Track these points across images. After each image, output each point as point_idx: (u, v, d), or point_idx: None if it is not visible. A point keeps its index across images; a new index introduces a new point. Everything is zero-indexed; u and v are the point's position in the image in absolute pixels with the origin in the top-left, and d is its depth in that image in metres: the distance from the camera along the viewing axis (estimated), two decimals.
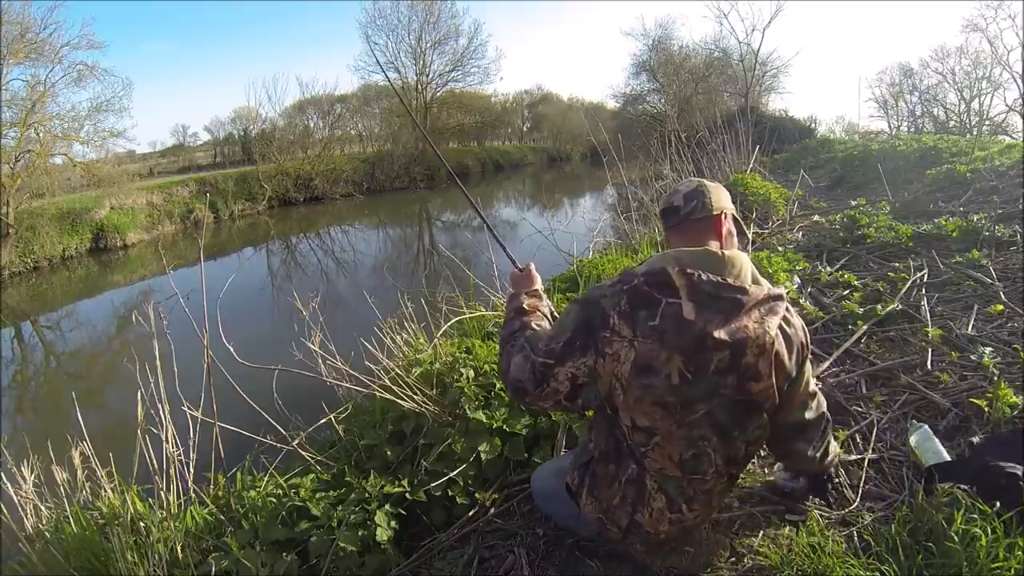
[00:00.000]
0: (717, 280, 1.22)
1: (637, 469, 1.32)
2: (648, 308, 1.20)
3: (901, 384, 2.24)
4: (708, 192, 1.34)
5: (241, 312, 7.26)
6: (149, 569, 1.54)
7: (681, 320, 1.19)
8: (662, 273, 1.22)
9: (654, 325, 1.19)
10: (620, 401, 1.26)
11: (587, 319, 1.25)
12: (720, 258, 1.25)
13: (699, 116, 9.39)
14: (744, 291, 1.23)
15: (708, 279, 1.21)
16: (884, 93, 26.55)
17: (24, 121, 14.47)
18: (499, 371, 1.44)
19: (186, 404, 1.84)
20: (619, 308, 1.22)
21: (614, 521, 1.37)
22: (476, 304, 3.16)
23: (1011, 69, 21.66)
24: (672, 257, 1.25)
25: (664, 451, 1.28)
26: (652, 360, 1.20)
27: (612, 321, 1.22)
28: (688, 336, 1.19)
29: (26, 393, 7.37)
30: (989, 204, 4.99)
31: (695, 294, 1.20)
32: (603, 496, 1.37)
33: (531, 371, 1.31)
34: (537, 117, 39.90)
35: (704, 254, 1.25)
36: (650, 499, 1.32)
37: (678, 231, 1.34)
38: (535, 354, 1.31)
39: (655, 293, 1.21)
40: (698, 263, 1.23)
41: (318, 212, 20.89)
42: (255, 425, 1.99)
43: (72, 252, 14.59)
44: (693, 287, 1.21)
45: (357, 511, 1.67)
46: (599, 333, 1.23)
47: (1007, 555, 1.25)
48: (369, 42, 28.09)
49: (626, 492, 1.33)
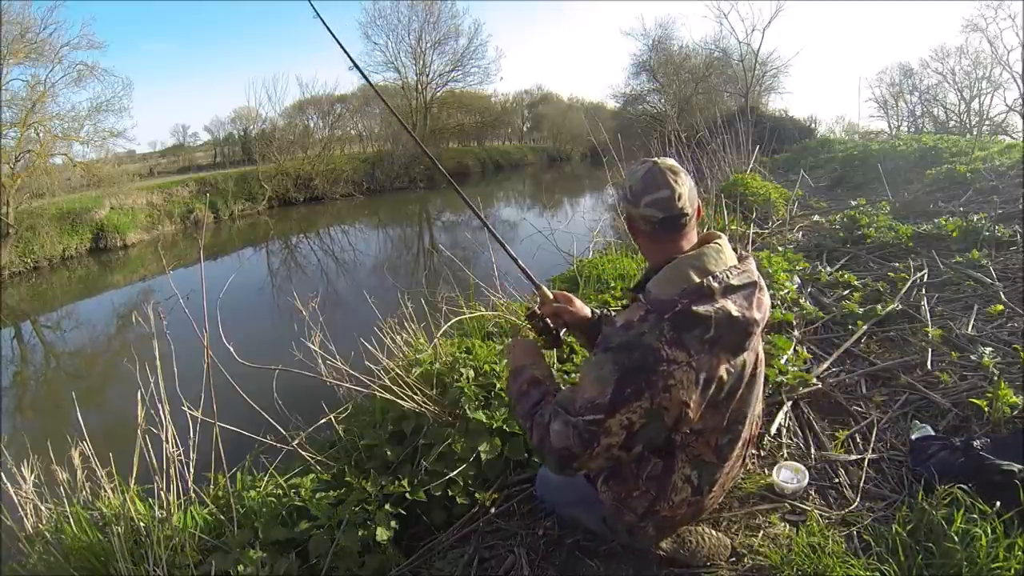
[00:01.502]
0: (736, 269, 1.28)
1: (663, 463, 1.33)
2: (700, 325, 1.20)
3: (901, 384, 2.24)
4: (683, 187, 1.29)
5: (241, 312, 7.26)
6: (149, 569, 1.53)
7: (732, 320, 1.23)
8: (701, 288, 1.22)
9: (709, 337, 1.20)
10: (688, 421, 1.25)
11: (634, 363, 1.18)
12: (718, 250, 1.29)
13: (699, 116, 9.39)
14: (750, 271, 1.30)
15: (727, 272, 1.26)
16: (884, 93, 26.58)
17: (24, 121, 14.47)
18: (533, 445, 1.34)
19: (186, 404, 1.84)
20: (665, 338, 1.18)
21: (631, 508, 1.38)
22: (476, 304, 3.16)
23: (1011, 69, 21.69)
24: (688, 267, 1.25)
25: (707, 441, 1.33)
26: (709, 372, 1.23)
27: (664, 353, 1.18)
28: (740, 331, 1.25)
29: (26, 393, 7.37)
30: (989, 204, 4.99)
31: (727, 292, 1.24)
32: (621, 488, 1.38)
33: (577, 435, 1.21)
34: (537, 117, 39.89)
35: (704, 255, 1.27)
36: (673, 492, 1.35)
37: (673, 236, 1.31)
38: (576, 415, 1.22)
39: (703, 309, 1.20)
40: (708, 263, 1.26)
41: (318, 212, 20.89)
42: (255, 425, 1.98)
43: (72, 252, 14.59)
44: (726, 287, 1.24)
45: (357, 511, 1.67)
46: (656, 369, 1.17)
47: (1007, 555, 1.25)
48: (370, 41, 28.02)
49: (647, 486, 1.35)
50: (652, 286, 1.26)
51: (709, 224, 4.55)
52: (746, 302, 1.26)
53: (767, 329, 2.76)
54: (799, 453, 1.93)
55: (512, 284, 3.49)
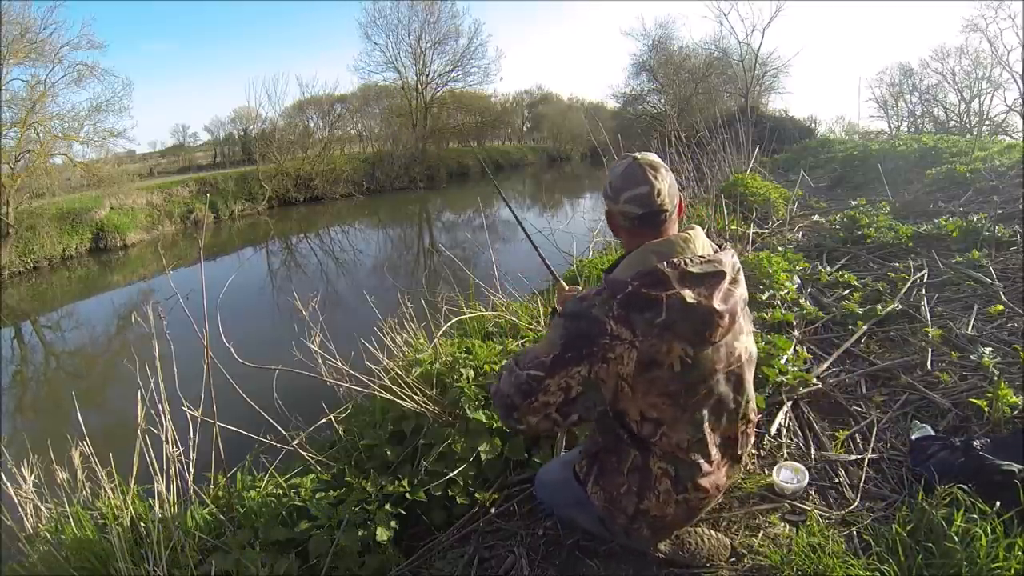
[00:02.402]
0: (699, 258, 1.27)
1: (640, 456, 1.34)
2: (651, 308, 1.22)
3: (901, 384, 2.24)
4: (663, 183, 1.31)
5: (241, 312, 7.26)
6: (149, 569, 1.54)
7: (687, 307, 1.22)
8: (655, 271, 1.23)
9: (661, 321, 1.21)
10: (628, 399, 1.29)
11: (580, 331, 1.25)
12: (686, 239, 1.30)
13: (699, 116, 9.38)
14: (719, 261, 1.29)
15: (690, 260, 1.26)
16: (884, 93, 26.57)
17: (24, 121, 14.46)
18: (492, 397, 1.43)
19: (186, 404, 1.84)
20: (613, 314, 1.23)
21: (621, 509, 1.38)
22: (476, 304, 3.16)
23: (1011, 69, 21.67)
24: (651, 252, 1.28)
25: (671, 439, 1.32)
26: (655, 355, 1.23)
27: (609, 327, 1.22)
28: (696, 319, 1.24)
29: (26, 393, 7.37)
30: (989, 204, 4.99)
31: (685, 279, 1.24)
32: (609, 486, 1.38)
33: (517, 385, 1.31)
34: (537, 117, 39.88)
35: (670, 243, 1.29)
36: (656, 482, 1.34)
37: (653, 232, 1.33)
38: (521, 368, 1.32)
39: (654, 292, 1.22)
40: (673, 252, 1.27)
41: (318, 212, 20.89)
42: (255, 425, 1.98)
43: (72, 252, 14.58)
44: (683, 274, 1.24)
45: (357, 511, 1.68)
46: (598, 341, 1.23)
47: (1007, 555, 1.25)
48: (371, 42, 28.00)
49: (630, 481, 1.35)
50: (616, 269, 1.32)
51: (709, 224, 4.55)
52: (707, 291, 1.25)
53: (767, 329, 2.77)
54: (799, 453, 1.93)
55: (512, 284, 3.49)
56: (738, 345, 1.34)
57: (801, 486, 1.69)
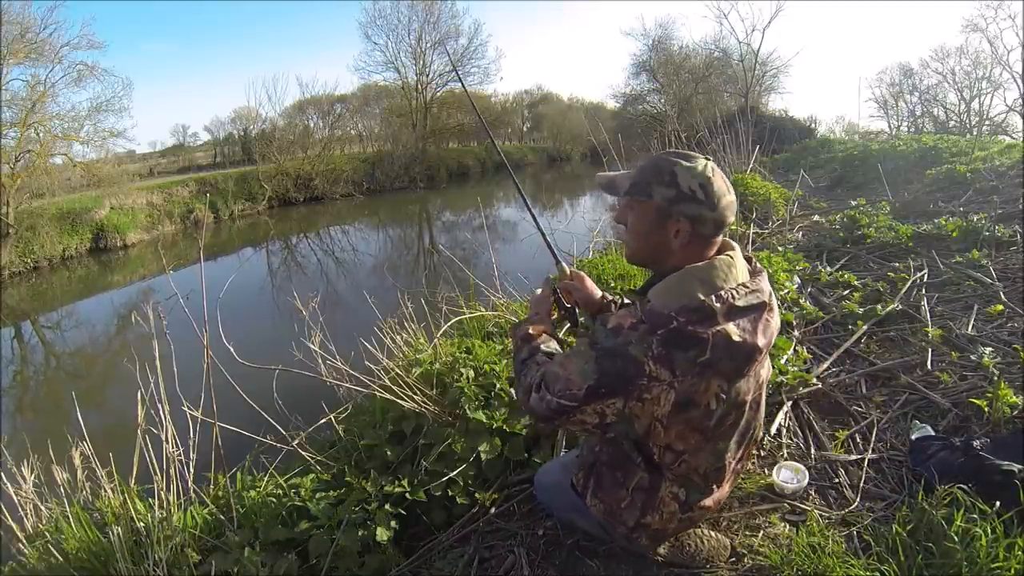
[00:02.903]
0: (744, 288, 1.19)
1: (649, 479, 1.31)
2: (695, 347, 1.12)
3: (901, 384, 2.24)
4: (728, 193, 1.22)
5: (241, 312, 7.26)
6: (149, 569, 1.53)
7: (731, 344, 1.14)
8: (702, 307, 1.13)
9: (704, 360, 1.13)
10: (659, 436, 1.24)
11: (615, 369, 1.14)
12: (729, 264, 1.20)
13: (699, 116, 9.39)
14: (761, 290, 1.22)
15: (736, 293, 1.17)
16: (884, 93, 26.60)
17: (24, 121, 14.47)
18: (517, 401, 1.38)
19: (186, 404, 1.84)
20: (652, 354, 1.11)
21: (621, 521, 1.37)
22: (476, 304, 3.16)
23: (1011, 69, 21.70)
24: (695, 280, 1.16)
25: (691, 465, 1.30)
26: (692, 395, 1.17)
27: (648, 368, 1.12)
28: (740, 357, 1.17)
29: (26, 393, 7.37)
30: (989, 204, 4.99)
31: (731, 313, 1.15)
32: (609, 499, 1.37)
33: (549, 408, 1.24)
34: (537, 117, 39.88)
35: (714, 269, 1.19)
36: (662, 504, 1.32)
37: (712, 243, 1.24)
38: (551, 393, 1.22)
39: (699, 329, 1.12)
40: (717, 278, 1.17)
41: (318, 212, 20.89)
42: (255, 425, 1.98)
43: (72, 252, 14.59)
44: (730, 308, 1.15)
45: (357, 511, 1.67)
46: (634, 381, 1.14)
47: (1007, 555, 1.25)
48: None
49: (634, 497, 1.33)
50: (653, 295, 1.18)
51: None
52: (750, 326, 1.17)
53: None
54: (799, 453, 1.93)
55: (512, 284, 3.49)
56: (763, 371, 1.31)
57: (801, 486, 1.69)
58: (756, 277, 1.25)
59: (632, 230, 1.29)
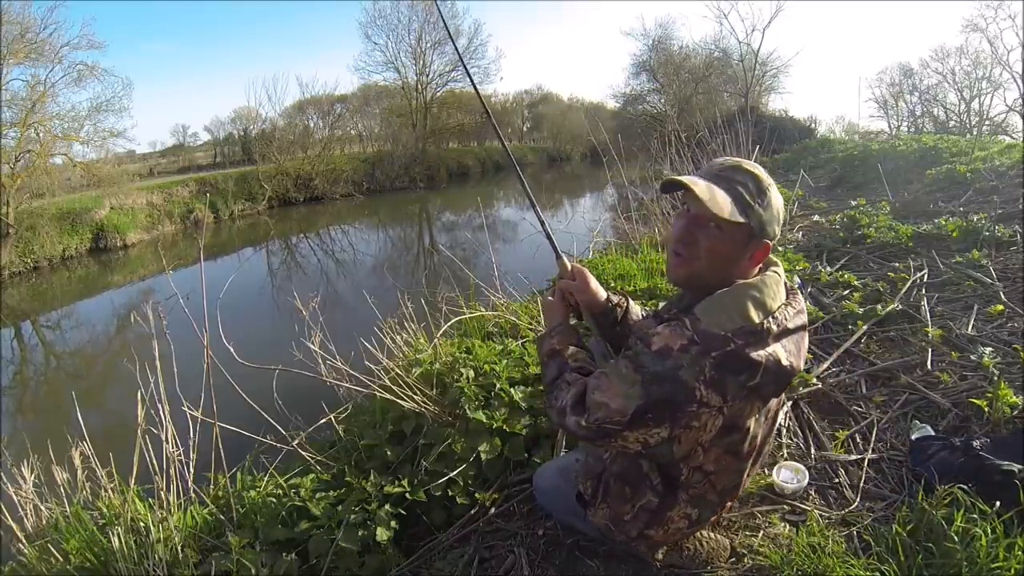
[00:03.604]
0: (792, 310, 1.15)
1: (659, 502, 1.29)
2: (748, 371, 1.07)
3: (901, 384, 2.24)
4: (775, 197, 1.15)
5: (241, 312, 7.26)
6: (149, 569, 1.53)
7: (779, 368, 1.09)
8: (759, 330, 1.08)
9: (753, 384, 1.08)
10: (696, 459, 1.22)
11: (664, 395, 1.07)
12: (777, 282, 1.14)
13: (699, 116, 9.38)
14: (802, 310, 1.17)
15: (788, 315, 1.13)
16: (884, 93, 26.63)
17: (24, 121, 14.48)
18: (551, 421, 1.33)
19: (186, 404, 1.84)
20: (704, 377, 1.05)
21: (623, 531, 1.37)
22: (476, 304, 3.16)
23: (1011, 69, 21.72)
24: (748, 298, 1.10)
25: (713, 484, 1.29)
26: (736, 419, 1.15)
27: (699, 394, 1.06)
28: (783, 381, 1.13)
29: (26, 393, 7.37)
30: (989, 204, 4.99)
31: (782, 335, 1.11)
32: (615, 510, 1.36)
33: (589, 431, 1.15)
34: (537, 117, 39.90)
35: (765, 286, 1.12)
36: (669, 522, 1.32)
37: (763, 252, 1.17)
38: (589, 420, 1.14)
39: (755, 352, 1.06)
40: (768, 296, 1.12)
41: (318, 212, 20.89)
42: (255, 425, 1.98)
43: (72, 252, 14.59)
44: (782, 330, 1.10)
45: (357, 511, 1.67)
46: (684, 408, 1.07)
47: (1007, 555, 1.25)
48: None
49: (640, 514, 1.32)
50: (703, 312, 1.09)
51: None
52: (794, 348, 1.13)
53: None
54: (799, 453, 1.93)
55: (512, 284, 3.49)
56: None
57: (801, 486, 1.69)
58: (795, 297, 1.19)
59: (708, 252, 1.14)
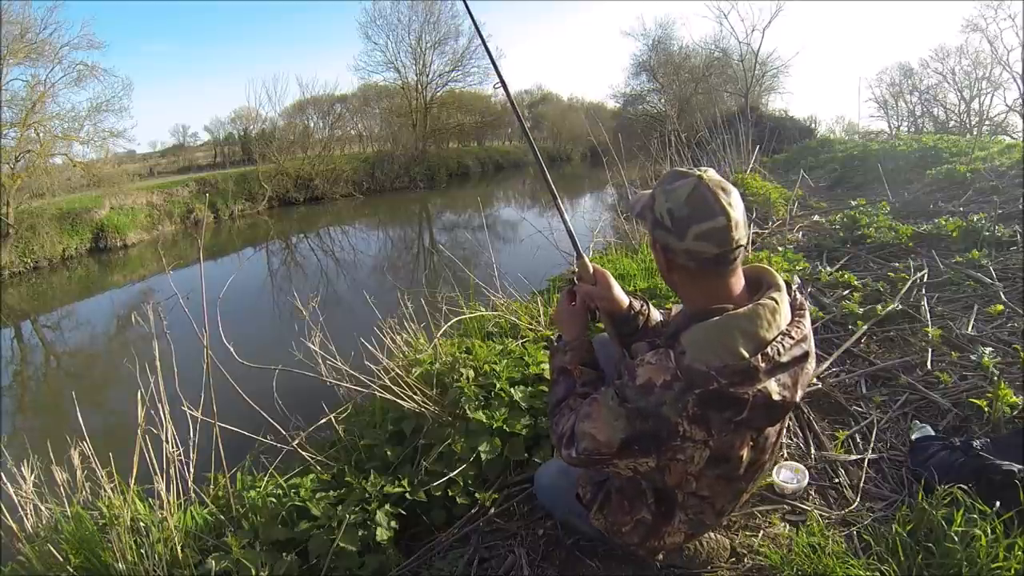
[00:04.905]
0: (790, 342, 1.07)
1: (653, 519, 1.29)
2: (733, 407, 1.04)
3: (901, 384, 2.24)
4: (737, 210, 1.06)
5: (241, 312, 7.25)
6: (149, 569, 1.54)
7: (770, 404, 1.05)
8: (747, 369, 1.02)
9: (741, 419, 1.06)
10: (690, 486, 1.22)
11: (646, 431, 1.07)
12: (774, 311, 1.07)
13: (699, 116, 9.40)
14: (804, 339, 1.10)
15: (782, 348, 1.06)
16: (884, 93, 26.62)
17: (24, 121, 14.46)
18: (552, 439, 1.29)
19: (186, 404, 1.84)
20: (687, 414, 1.04)
21: (621, 538, 1.37)
22: (476, 304, 3.16)
23: (1011, 69, 21.70)
24: (738, 331, 1.04)
25: (711, 504, 1.29)
26: (727, 451, 1.13)
27: (682, 429, 1.05)
28: (775, 413, 1.10)
29: (26, 393, 7.37)
30: (989, 204, 4.99)
31: (775, 370, 1.05)
32: (614, 519, 1.36)
33: (581, 460, 1.18)
34: (537, 117, 39.84)
35: (759, 317, 1.05)
36: (666, 535, 1.32)
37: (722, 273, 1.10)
38: (578, 452, 1.16)
39: (740, 390, 1.03)
40: (761, 328, 1.05)
41: (318, 212, 20.88)
42: (255, 425, 1.99)
43: (72, 252, 14.58)
44: (772, 364, 1.04)
45: (357, 511, 1.67)
46: (667, 443, 1.08)
47: (1007, 555, 1.25)
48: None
49: (638, 526, 1.33)
50: (688, 344, 1.04)
51: None
52: (790, 380, 1.07)
53: None
54: (799, 453, 1.93)
55: (512, 284, 3.49)
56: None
57: (801, 486, 1.69)
58: (798, 318, 1.13)
59: (664, 271, 1.17)
